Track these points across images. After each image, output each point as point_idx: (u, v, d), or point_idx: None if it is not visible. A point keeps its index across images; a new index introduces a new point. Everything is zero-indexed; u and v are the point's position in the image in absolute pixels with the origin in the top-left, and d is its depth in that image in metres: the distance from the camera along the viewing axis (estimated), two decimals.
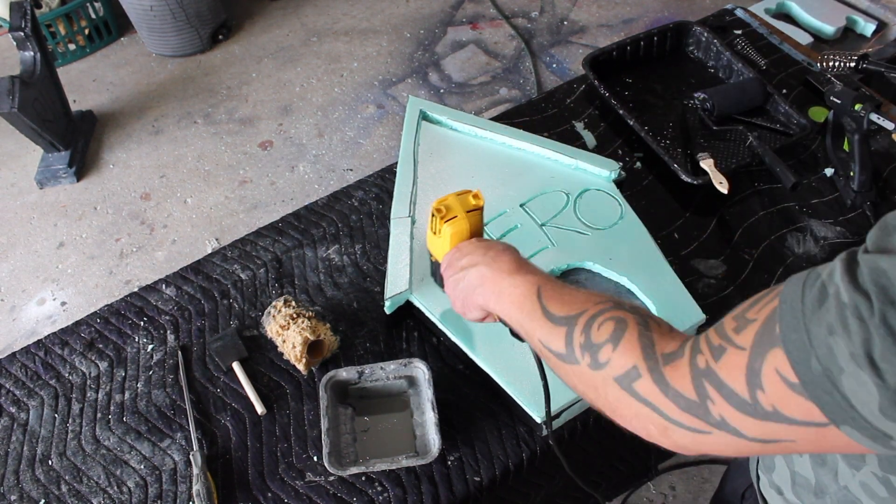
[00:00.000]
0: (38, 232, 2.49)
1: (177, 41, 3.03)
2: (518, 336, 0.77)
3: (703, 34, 1.49)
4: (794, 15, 2.93)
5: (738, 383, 0.47)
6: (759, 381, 0.46)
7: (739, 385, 0.47)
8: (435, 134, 1.31)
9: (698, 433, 0.51)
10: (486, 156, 1.27)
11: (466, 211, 0.85)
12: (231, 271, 1.21)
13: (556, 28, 3.13)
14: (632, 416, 0.56)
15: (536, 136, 1.29)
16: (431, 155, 1.27)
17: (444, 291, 0.90)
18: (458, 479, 0.97)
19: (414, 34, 3.15)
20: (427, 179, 1.23)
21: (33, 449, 1.03)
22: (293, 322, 1.04)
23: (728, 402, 0.48)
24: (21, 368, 1.11)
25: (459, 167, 1.26)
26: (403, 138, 1.27)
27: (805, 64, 1.52)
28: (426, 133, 1.30)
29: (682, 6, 3.17)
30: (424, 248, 1.07)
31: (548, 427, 0.85)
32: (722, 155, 1.32)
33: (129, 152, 2.73)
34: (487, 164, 1.26)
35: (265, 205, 2.51)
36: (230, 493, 0.97)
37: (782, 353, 0.45)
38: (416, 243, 1.13)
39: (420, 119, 1.31)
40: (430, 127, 1.32)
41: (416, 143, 1.27)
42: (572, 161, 1.24)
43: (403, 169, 1.22)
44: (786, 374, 0.45)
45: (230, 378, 1.08)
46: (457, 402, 1.04)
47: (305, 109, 2.84)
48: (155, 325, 1.15)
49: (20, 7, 2.39)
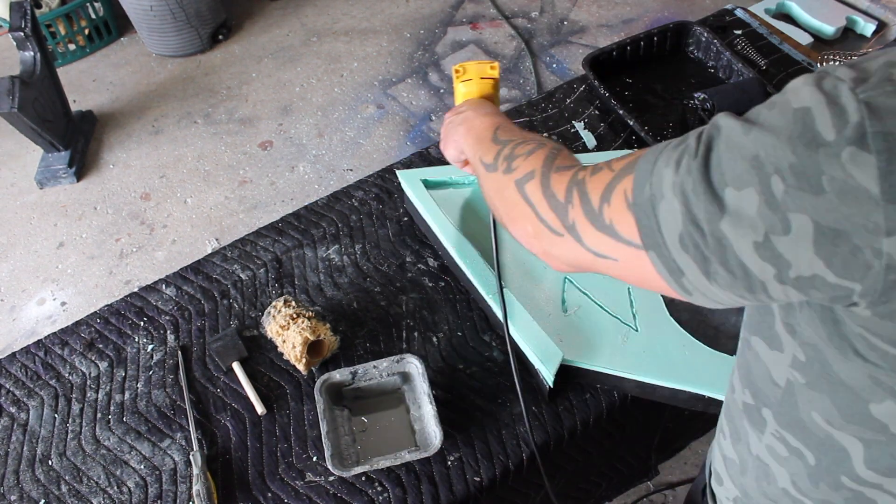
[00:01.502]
0: (38, 232, 2.49)
1: (177, 41, 3.03)
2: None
3: (703, 34, 1.49)
4: (794, 15, 2.93)
5: (595, 194, 0.55)
6: (610, 196, 0.53)
7: (595, 195, 0.55)
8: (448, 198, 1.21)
9: (555, 235, 0.60)
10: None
11: (480, 77, 0.95)
12: (231, 271, 1.21)
13: (556, 28, 3.13)
14: (517, 216, 0.66)
15: None
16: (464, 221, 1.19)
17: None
18: (458, 479, 0.97)
19: (414, 34, 3.15)
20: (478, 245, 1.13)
21: (33, 449, 1.03)
22: (293, 322, 1.04)
23: (582, 209, 0.56)
24: (21, 368, 1.11)
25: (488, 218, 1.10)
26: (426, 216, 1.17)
27: (805, 64, 1.52)
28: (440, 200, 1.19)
29: (682, 6, 3.18)
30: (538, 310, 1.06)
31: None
32: None
33: (129, 152, 2.73)
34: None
35: (265, 205, 2.51)
36: (230, 493, 0.97)
37: (631, 178, 0.51)
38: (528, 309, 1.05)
39: (427, 189, 1.21)
40: (438, 193, 1.21)
41: (443, 212, 1.17)
42: None
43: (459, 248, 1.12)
44: (629, 193, 0.51)
45: (230, 378, 1.08)
46: (457, 401, 1.04)
47: (305, 109, 2.84)
48: (155, 325, 1.15)
49: (20, 7, 2.39)
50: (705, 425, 1.75)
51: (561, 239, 0.59)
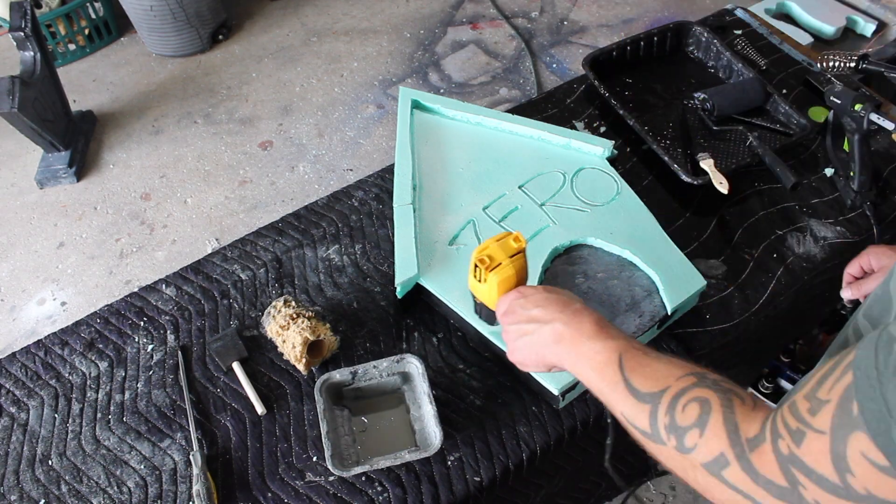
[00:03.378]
0: (38, 232, 2.49)
1: (177, 41, 3.03)
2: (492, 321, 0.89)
3: (703, 34, 1.49)
4: (794, 15, 2.93)
5: (826, 469, 0.46)
6: (847, 466, 0.45)
7: (828, 471, 0.46)
8: (429, 122, 1.34)
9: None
10: (480, 140, 1.31)
11: (509, 256, 0.84)
12: (231, 271, 1.21)
13: (556, 28, 3.13)
14: (726, 501, 0.55)
15: (527, 119, 1.32)
16: (427, 143, 1.30)
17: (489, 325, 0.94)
18: (458, 479, 0.97)
19: (414, 34, 3.15)
20: (425, 167, 1.26)
21: (33, 449, 1.03)
22: (293, 322, 1.04)
23: (820, 488, 0.47)
24: (21, 368, 1.11)
25: (455, 153, 1.29)
26: (399, 128, 1.30)
27: (805, 64, 1.52)
28: (420, 122, 1.33)
29: (682, 6, 3.18)
30: (429, 233, 1.15)
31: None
32: (722, 155, 1.32)
33: (129, 152, 2.73)
34: (482, 149, 1.30)
35: (265, 205, 2.51)
36: (230, 493, 0.97)
37: (865, 436, 0.43)
38: (420, 229, 1.16)
39: (412, 108, 1.33)
40: (423, 116, 1.35)
41: (412, 132, 1.30)
42: (565, 140, 1.28)
43: (401, 158, 1.25)
44: (873, 457, 0.43)
45: (230, 378, 1.08)
46: (457, 401, 1.04)
47: (305, 109, 2.84)
48: (155, 325, 1.15)
49: (20, 7, 2.39)
50: None
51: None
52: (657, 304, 1.07)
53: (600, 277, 1.11)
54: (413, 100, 1.34)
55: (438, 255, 1.13)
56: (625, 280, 1.10)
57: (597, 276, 1.11)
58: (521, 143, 1.30)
